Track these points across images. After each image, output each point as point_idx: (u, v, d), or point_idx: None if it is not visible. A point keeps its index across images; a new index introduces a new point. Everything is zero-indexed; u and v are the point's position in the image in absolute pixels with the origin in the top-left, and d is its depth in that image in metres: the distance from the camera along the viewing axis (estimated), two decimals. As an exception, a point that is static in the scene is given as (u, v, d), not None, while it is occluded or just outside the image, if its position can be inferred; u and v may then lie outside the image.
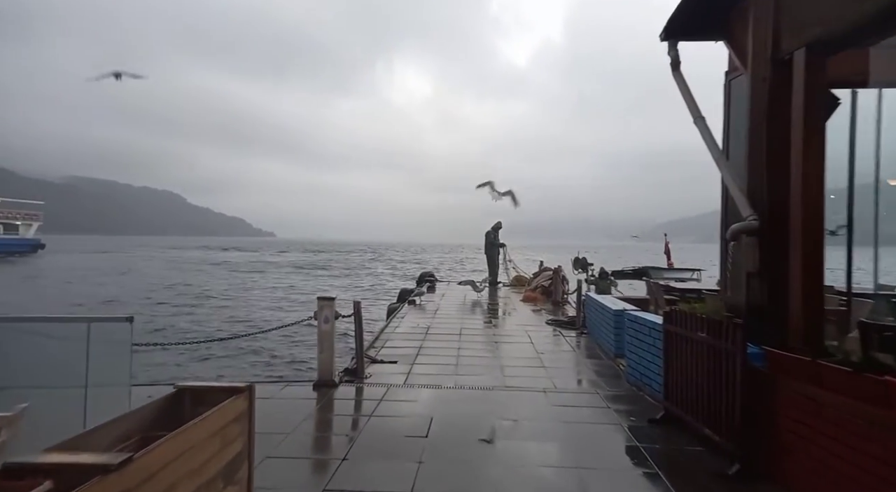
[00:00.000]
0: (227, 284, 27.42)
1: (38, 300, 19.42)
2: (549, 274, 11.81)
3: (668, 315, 4.01)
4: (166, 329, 13.49)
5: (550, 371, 5.48)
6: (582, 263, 14.13)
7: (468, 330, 7.77)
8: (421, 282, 13.79)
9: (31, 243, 55.48)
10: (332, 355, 4.73)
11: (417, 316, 9.07)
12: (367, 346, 6.40)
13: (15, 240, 53.97)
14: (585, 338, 7.31)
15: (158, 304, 19.17)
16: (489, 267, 14.54)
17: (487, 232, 14.60)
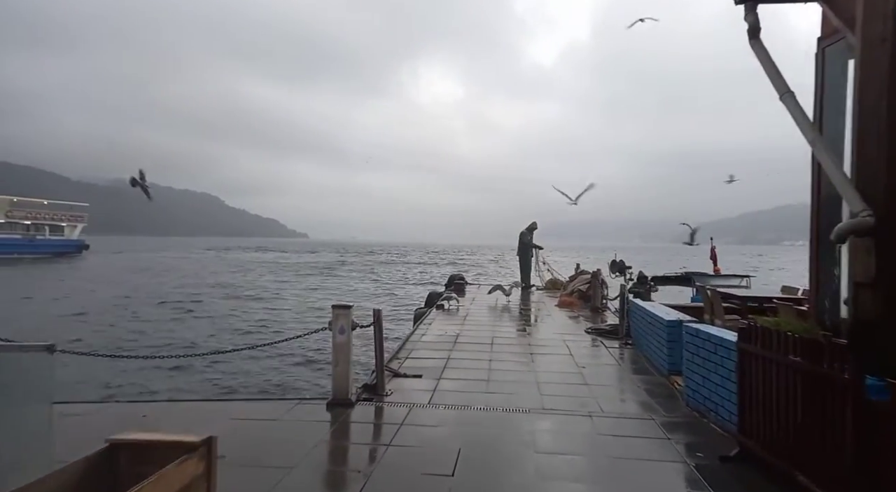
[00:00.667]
0: (263, 286, 27.46)
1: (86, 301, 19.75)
2: (586, 278, 11.08)
3: (745, 332, 3.33)
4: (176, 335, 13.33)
5: (594, 390, 4.82)
6: (619, 266, 13.30)
7: (500, 338, 7.17)
8: (450, 285, 13.23)
9: (76, 244, 57.55)
10: (348, 370, 4.21)
11: (445, 322, 8.51)
12: (390, 357, 5.88)
13: (61, 241, 56.07)
14: (630, 350, 6.60)
15: (190, 303, 19.21)
16: (521, 269, 13.86)
17: (522, 232, 13.91)
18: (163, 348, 10.80)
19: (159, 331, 13.58)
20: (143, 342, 11.89)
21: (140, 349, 10.47)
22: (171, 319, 15.76)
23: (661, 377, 5.27)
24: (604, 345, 6.86)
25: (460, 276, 13.99)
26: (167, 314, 16.57)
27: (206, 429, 3.84)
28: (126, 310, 17.26)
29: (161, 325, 14.55)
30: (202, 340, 12.46)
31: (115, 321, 15.13)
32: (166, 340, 12.22)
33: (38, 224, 55.24)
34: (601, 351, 6.57)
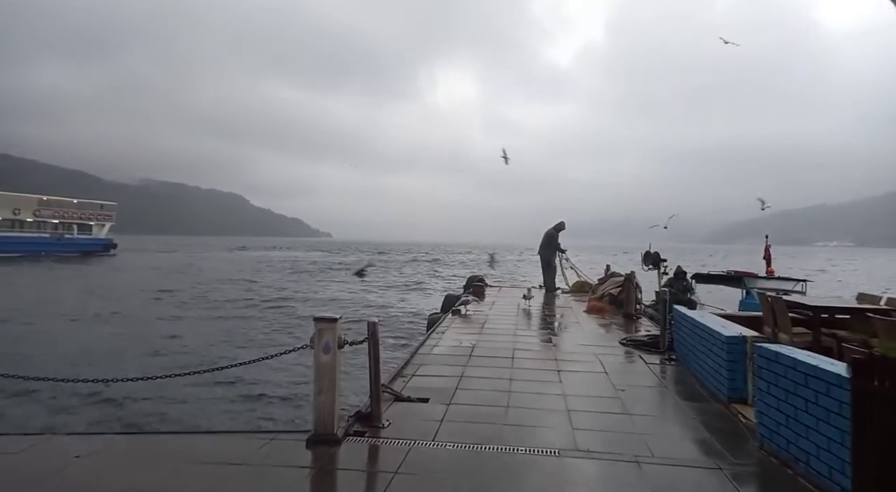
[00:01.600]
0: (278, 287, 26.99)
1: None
2: (618, 280, 10.09)
3: (862, 365, 2.41)
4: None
5: (638, 422, 3.92)
6: (654, 257, 12.18)
7: (522, 351, 6.29)
8: (468, 287, 12.37)
9: (104, 243, 58.39)
10: (333, 399, 3.40)
11: (461, 330, 7.66)
12: (395, 373, 5.08)
13: (88, 240, 56.94)
14: (674, 367, 5.66)
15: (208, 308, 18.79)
16: (544, 271, 12.89)
17: (548, 232, 12.93)
18: (125, 365, 9.50)
19: (136, 342, 11.89)
20: (111, 360, 10.11)
21: (101, 367, 9.20)
22: (151, 326, 14.27)
23: (718, 405, 4.33)
24: (642, 360, 5.93)
25: (480, 277, 13.11)
26: (147, 322, 15.03)
27: (150, 473, 3.13)
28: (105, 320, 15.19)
29: (137, 335, 12.94)
30: (172, 355, 10.72)
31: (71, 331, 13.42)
32: (138, 356, 10.60)
33: (66, 223, 56.18)
34: (640, 368, 5.64)
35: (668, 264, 12.31)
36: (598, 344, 6.77)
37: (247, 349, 11.01)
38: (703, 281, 11.75)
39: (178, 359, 10.29)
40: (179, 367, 7.72)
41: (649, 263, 12.24)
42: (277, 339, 12.54)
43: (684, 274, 12.06)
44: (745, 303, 10.07)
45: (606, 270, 12.03)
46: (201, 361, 9.86)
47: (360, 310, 17.95)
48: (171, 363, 9.72)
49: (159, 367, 8.68)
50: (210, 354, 10.64)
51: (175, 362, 9.84)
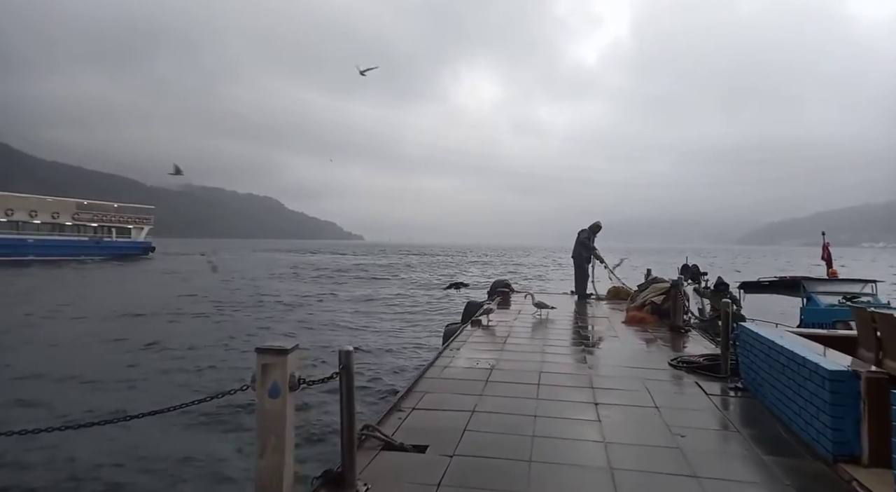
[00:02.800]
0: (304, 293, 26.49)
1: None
2: (661, 287, 8.88)
3: None
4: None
5: (709, 488, 2.85)
6: (693, 271, 10.97)
7: (551, 373, 5.24)
8: (492, 293, 11.31)
9: (142, 246, 59.69)
10: (282, 460, 2.46)
11: (480, 345, 6.64)
12: (391, 406, 4.12)
13: (126, 243, 58.26)
14: (743, 400, 4.51)
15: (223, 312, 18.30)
16: (577, 275, 11.71)
17: (581, 232, 11.75)
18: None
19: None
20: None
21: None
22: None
23: (817, 464, 3.19)
24: (700, 389, 4.79)
25: (505, 282, 12.03)
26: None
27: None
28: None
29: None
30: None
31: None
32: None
33: (105, 226, 57.57)
34: (699, 400, 4.51)
35: (708, 277, 11.03)
36: (642, 365, 5.65)
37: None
38: (753, 290, 10.41)
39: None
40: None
41: (688, 277, 10.99)
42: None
43: (726, 287, 10.75)
44: (807, 312, 8.72)
45: (647, 275, 10.78)
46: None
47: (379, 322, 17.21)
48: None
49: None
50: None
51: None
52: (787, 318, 14.67)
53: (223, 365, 10.24)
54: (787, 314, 15.47)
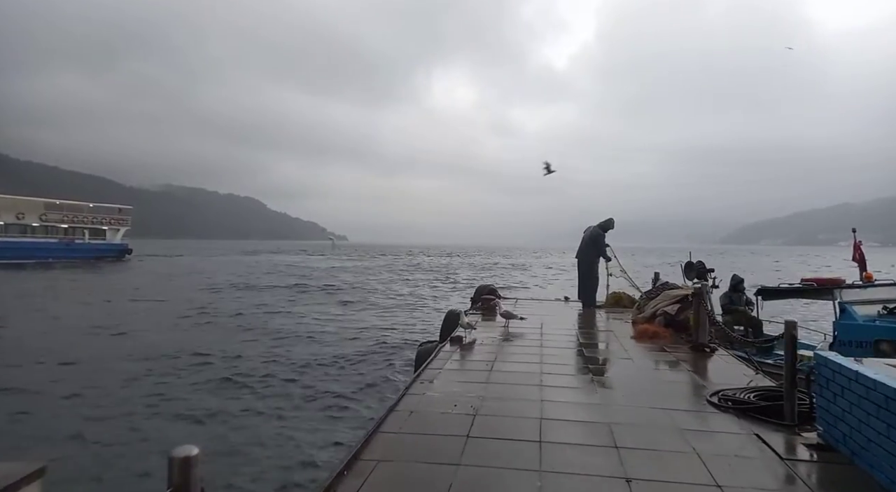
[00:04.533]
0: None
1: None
2: (675, 295, 7.54)
3: None
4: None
5: None
6: (698, 268, 9.63)
7: (555, 421, 3.82)
8: (476, 301, 9.89)
9: (119, 248, 56.90)
10: None
11: (460, 374, 5.19)
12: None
13: (101, 245, 55.54)
14: (832, 465, 3.15)
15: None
16: (581, 280, 10.27)
17: (591, 229, 10.21)
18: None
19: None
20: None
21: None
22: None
23: None
24: (765, 444, 3.43)
25: (490, 288, 10.60)
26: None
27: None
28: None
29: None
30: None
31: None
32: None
33: (77, 227, 54.91)
34: (770, 467, 3.13)
35: (715, 275, 9.71)
36: (673, 404, 4.26)
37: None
38: (772, 296, 9.11)
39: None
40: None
41: (692, 275, 9.67)
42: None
43: (743, 289, 9.46)
44: (841, 327, 7.43)
45: (654, 279, 9.43)
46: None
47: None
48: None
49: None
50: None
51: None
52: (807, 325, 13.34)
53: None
54: (804, 319, 14.12)
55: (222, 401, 8.15)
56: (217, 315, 17.77)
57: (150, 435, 6.62)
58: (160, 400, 8.14)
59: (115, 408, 7.68)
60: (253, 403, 8.11)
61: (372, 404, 8.05)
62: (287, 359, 11.15)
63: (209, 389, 8.87)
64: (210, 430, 6.89)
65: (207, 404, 7.90)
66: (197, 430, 6.88)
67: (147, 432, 6.76)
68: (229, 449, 6.15)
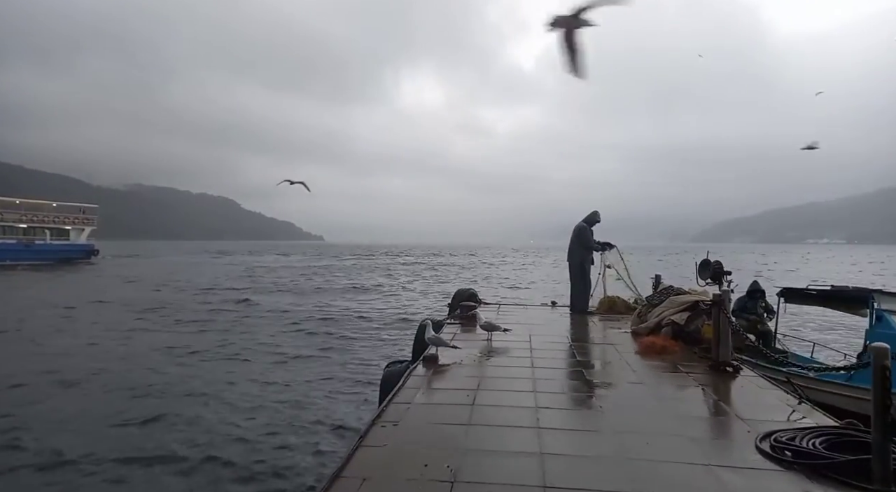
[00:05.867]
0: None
1: None
2: (683, 301, 6.54)
3: None
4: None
5: None
6: (714, 268, 8.65)
7: (562, 484, 2.76)
8: (454, 308, 8.78)
9: (84, 249, 54.14)
10: None
11: (435, 409, 4.05)
12: None
13: (64, 246, 52.73)
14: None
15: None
16: (573, 283, 9.24)
17: (578, 227, 9.26)
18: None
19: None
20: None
21: None
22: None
23: None
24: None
25: (470, 293, 9.51)
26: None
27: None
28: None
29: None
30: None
31: None
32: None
33: (37, 228, 52.09)
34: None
35: (731, 279, 8.77)
36: (713, 454, 3.20)
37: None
38: (797, 300, 8.19)
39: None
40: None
41: (707, 276, 8.70)
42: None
43: (762, 293, 8.53)
44: (877, 335, 6.53)
45: (655, 282, 8.42)
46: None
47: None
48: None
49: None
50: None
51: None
52: (824, 333, 12.50)
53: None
54: (821, 328, 13.22)
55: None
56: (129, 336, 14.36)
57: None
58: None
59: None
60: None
61: (310, 464, 6.00)
62: (198, 392, 8.71)
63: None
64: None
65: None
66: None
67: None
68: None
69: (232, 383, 9.15)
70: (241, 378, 9.54)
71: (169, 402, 8.11)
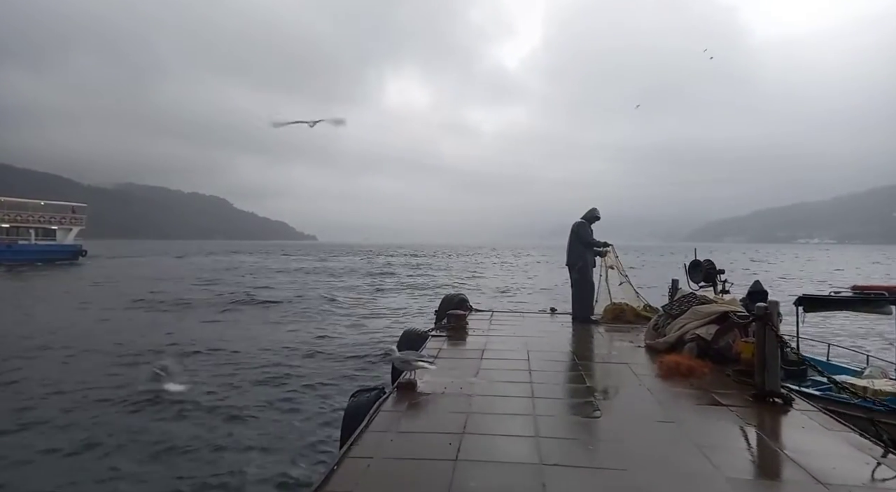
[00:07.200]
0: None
1: None
2: (708, 312, 5.53)
3: None
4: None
5: None
6: (706, 269, 7.72)
7: None
8: (442, 317, 7.74)
9: (71, 250, 52.28)
10: None
11: (406, 466, 3.01)
12: None
13: (50, 246, 50.96)
14: None
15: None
16: (575, 288, 8.26)
17: (577, 225, 8.34)
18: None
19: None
20: None
21: None
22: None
23: None
24: None
25: (460, 298, 8.48)
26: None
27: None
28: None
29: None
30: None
31: None
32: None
33: (21, 227, 50.36)
34: None
35: (726, 277, 7.81)
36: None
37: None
38: (817, 307, 7.20)
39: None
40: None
41: (699, 278, 7.76)
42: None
43: (764, 294, 7.51)
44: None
45: (671, 289, 7.40)
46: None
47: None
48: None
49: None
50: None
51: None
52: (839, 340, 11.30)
53: None
54: (839, 337, 12.05)
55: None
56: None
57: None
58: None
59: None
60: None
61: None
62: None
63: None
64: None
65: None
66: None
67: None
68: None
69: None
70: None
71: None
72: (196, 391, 8.21)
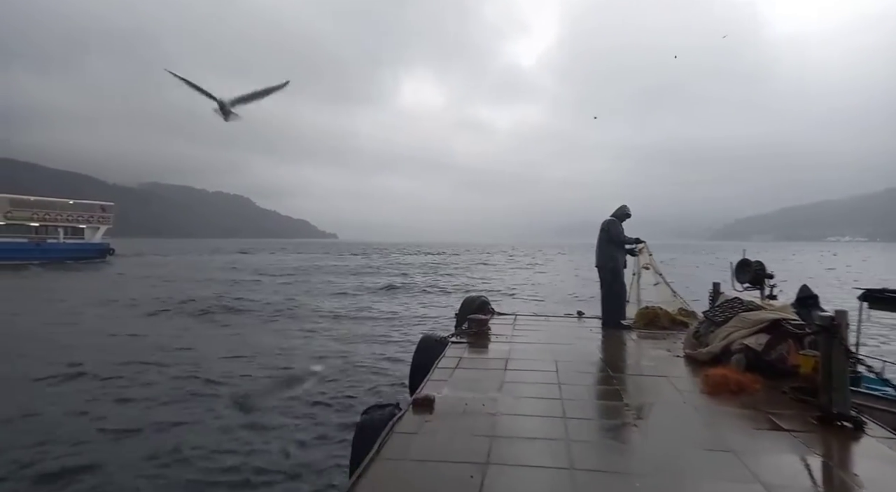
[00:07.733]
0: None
1: None
2: (758, 320, 4.99)
3: None
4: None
5: None
6: (756, 270, 7.10)
7: None
8: (462, 321, 7.29)
9: (99, 248, 53.15)
10: None
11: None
12: None
13: (78, 245, 51.88)
14: None
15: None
16: (606, 289, 7.73)
17: (607, 222, 7.82)
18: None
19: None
20: None
21: None
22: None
23: None
24: None
25: (482, 301, 8.03)
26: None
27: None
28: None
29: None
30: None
31: None
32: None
33: (49, 226, 51.38)
34: None
35: (774, 283, 7.17)
36: None
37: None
38: (884, 305, 6.46)
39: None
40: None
41: (746, 279, 7.15)
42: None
43: (815, 299, 6.85)
44: None
45: (713, 293, 6.85)
46: None
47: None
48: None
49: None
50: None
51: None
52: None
53: None
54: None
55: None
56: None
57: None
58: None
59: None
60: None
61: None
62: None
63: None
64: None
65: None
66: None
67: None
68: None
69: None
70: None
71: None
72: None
